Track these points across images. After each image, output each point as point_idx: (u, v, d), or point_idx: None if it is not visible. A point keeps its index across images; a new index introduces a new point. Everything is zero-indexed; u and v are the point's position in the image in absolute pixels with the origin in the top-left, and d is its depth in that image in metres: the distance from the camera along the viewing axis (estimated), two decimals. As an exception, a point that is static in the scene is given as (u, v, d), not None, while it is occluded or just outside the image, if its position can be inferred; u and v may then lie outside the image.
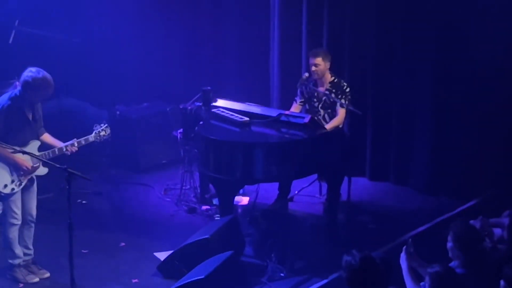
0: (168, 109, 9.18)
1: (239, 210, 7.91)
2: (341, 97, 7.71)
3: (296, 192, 8.29)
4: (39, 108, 6.48)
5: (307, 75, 7.87)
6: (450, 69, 8.13)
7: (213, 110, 7.68)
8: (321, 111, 7.85)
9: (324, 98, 7.82)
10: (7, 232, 6.47)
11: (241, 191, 8.00)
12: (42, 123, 6.54)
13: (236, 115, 7.41)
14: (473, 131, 8.13)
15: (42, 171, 6.47)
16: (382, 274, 4.60)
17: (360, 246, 4.86)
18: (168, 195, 8.47)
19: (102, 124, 6.67)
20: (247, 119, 7.33)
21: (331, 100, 7.75)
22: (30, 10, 8.82)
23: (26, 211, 6.53)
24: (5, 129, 6.24)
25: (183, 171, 8.28)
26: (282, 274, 6.65)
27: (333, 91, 7.76)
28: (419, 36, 8.23)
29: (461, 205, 7.85)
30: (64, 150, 6.44)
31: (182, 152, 8.24)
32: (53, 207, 7.49)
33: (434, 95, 8.29)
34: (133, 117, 9.26)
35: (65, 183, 5.63)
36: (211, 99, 7.82)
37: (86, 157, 8.29)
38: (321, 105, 7.86)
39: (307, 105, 7.99)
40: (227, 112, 7.51)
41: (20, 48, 8.62)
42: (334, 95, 7.73)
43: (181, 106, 8.09)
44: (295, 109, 7.97)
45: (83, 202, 8.20)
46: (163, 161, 9.27)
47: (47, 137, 6.56)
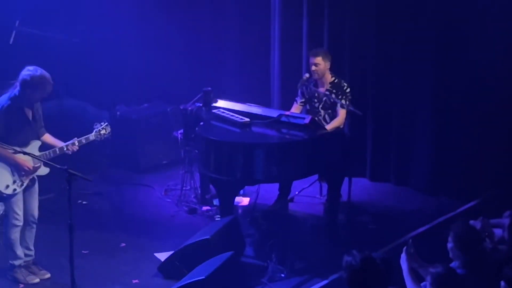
0: (168, 109, 9.18)
1: (239, 211, 7.91)
2: (341, 97, 7.72)
3: (297, 193, 8.29)
4: (38, 107, 6.47)
5: (307, 75, 7.87)
6: (450, 69, 8.13)
7: (213, 110, 7.67)
8: (321, 111, 7.85)
9: (324, 98, 7.82)
10: (9, 233, 6.46)
11: (242, 191, 8.01)
12: (42, 123, 6.53)
13: (237, 115, 7.41)
14: (473, 131, 8.13)
15: (44, 171, 6.45)
16: (382, 275, 4.60)
17: (361, 246, 4.85)
18: (169, 195, 8.47)
19: (103, 123, 6.66)
20: (247, 119, 7.33)
21: (331, 100, 7.75)
22: (31, 10, 8.80)
23: (28, 212, 6.52)
24: (5, 129, 6.23)
25: (183, 171, 8.28)
26: (282, 275, 6.64)
27: (334, 91, 7.76)
28: (419, 36, 8.24)
29: (462, 205, 7.85)
30: (65, 149, 6.42)
31: (182, 153, 8.24)
32: (54, 207, 7.49)
33: (434, 95, 8.29)
34: (133, 117, 9.26)
35: (65, 184, 5.63)
36: (211, 99, 7.82)
37: (87, 157, 8.29)
38: (321, 106, 7.86)
39: (307, 105, 7.99)
40: (228, 112, 7.51)
41: (21, 49, 8.61)
42: (334, 95, 7.73)
43: (181, 107, 8.09)
44: (295, 109, 7.97)
45: (84, 202, 8.20)
46: (164, 162, 9.27)
47: (48, 138, 6.55)
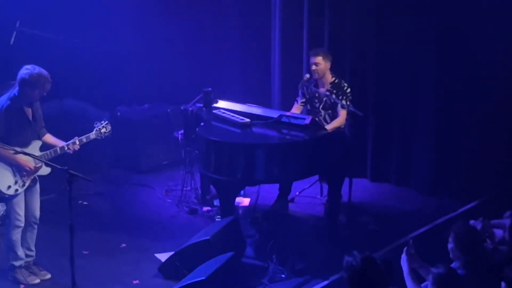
0: (169, 110, 9.18)
1: (240, 211, 7.91)
2: (341, 97, 7.72)
3: (297, 193, 8.29)
4: (38, 107, 6.46)
5: (308, 76, 7.87)
6: (451, 69, 8.13)
7: (214, 111, 7.68)
8: (322, 111, 7.85)
9: (325, 99, 7.82)
10: (10, 234, 6.45)
11: (242, 192, 8.02)
12: (43, 123, 6.52)
13: (237, 116, 7.41)
14: (474, 132, 8.13)
15: (45, 170, 6.43)
16: (383, 275, 4.60)
17: (361, 247, 4.85)
18: (169, 196, 8.47)
19: (103, 121, 6.65)
20: (248, 120, 7.33)
21: (331, 101, 7.75)
22: (32, 11, 8.81)
23: (29, 213, 6.52)
24: (5, 130, 6.22)
25: (184, 172, 8.28)
26: (283, 275, 6.63)
27: (334, 91, 7.76)
28: (420, 36, 8.24)
29: (462, 206, 7.85)
30: (65, 149, 6.41)
31: (183, 153, 8.24)
32: (54, 208, 7.48)
33: (434, 95, 8.29)
34: (134, 118, 9.27)
35: (66, 184, 5.62)
36: (212, 100, 7.82)
37: (87, 158, 8.30)
38: (322, 106, 7.86)
39: (308, 105, 8.00)
40: (228, 113, 7.51)
41: (22, 49, 8.61)
42: (334, 95, 7.73)
43: (182, 107, 8.10)
44: (296, 109, 7.98)
45: (84, 203, 8.20)
46: (164, 162, 9.28)
47: (49, 138, 6.53)
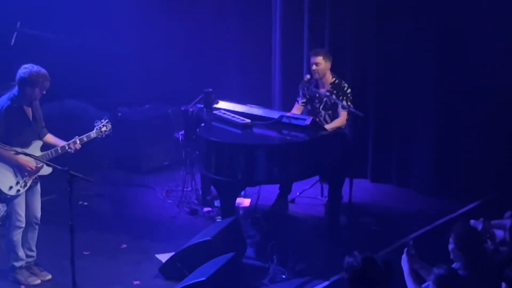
0: (169, 111, 9.18)
1: (240, 212, 7.91)
2: (342, 98, 7.71)
3: (298, 194, 8.29)
4: (38, 106, 6.45)
5: (308, 77, 7.87)
6: (452, 70, 8.14)
7: (214, 112, 7.68)
8: (322, 112, 7.85)
9: (325, 99, 7.82)
10: (11, 234, 6.45)
11: (243, 193, 8.01)
12: (43, 123, 6.52)
13: (238, 117, 7.41)
14: (475, 132, 8.14)
15: (46, 170, 6.41)
16: (383, 276, 4.60)
17: (362, 247, 4.84)
18: (170, 197, 8.47)
19: (103, 120, 6.64)
20: (248, 121, 7.32)
21: (332, 101, 7.75)
22: (32, 12, 8.82)
23: (30, 213, 6.51)
24: (6, 130, 6.22)
25: (184, 173, 8.28)
26: (283, 276, 6.63)
27: (334, 92, 7.76)
28: (420, 37, 8.24)
29: (463, 206, 7.86)
30: (66, 148, 6.41)
31: (183, 154, 8.24)
32: (55, 208, 7.47)
33: (435, 96, 8.29)
34: (135, 119, 9.27)
35: (66, 185, 5.62)
36: (212, 101, 7.82)
37: (88, 158, 8.30)
38: (322, 106, 7.86)
39: (308, 105, 7.99)
40: (229, 114, 7.51)
41: (22, 50, 8.61)
42: (335, 96, 7.73)
43: (182, 108, 8.09)
44: (297, 110, 7.98)
45: (85, 203, 8.20)
46: (165, 163, 9.28)
47: (50, 138, 6.53)
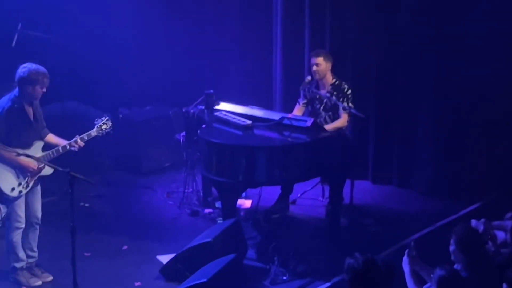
0: (170, 112, 9.18)
1: (241, 213, 7.91)
2: (342, 99, 7.70)
3: (299, 195, 8.29)
4: (38, 106, 6.45)
5: (309, 78, 7.86)
6: (453, 71, 8.13)
7: (215, 113, 7.68)
8: (322, 113, 7.85)
9: (325, 100, 7.81)
10: (11, 235, 6.46)
11: (244, 194, 8.01)
12: (44, 123, 6.51)
13: (239, 118, 7.41)
14: (475, 133, 8.14)
15: (48, 171, 6.40)
16: (384, 277, 4.60)
17: (363, 249, 4.84)
18: (171, 198, 8.47)
19: (103, 118, 6.62)
20: (249, 122, 7.32)
21: (332, 102, 7.75)
22: (33, 13, 8.82)
23: (31, 213, 6.52)
24: (7, 131, 6.22)
25: (185, 174, 8.28)
26: (284, 277, 6.64)
27: (334, 93, 7.75)
28: (421, 38, 8.23)
29: (464, 208, 7.85)
30: (67, 148, 6.40)
31: (184, 155, 8.24)
32: (56, 210, 7.48)
33: (436, 97, 8.29)
34: (136, 120, 9.28)
35: (68, 186, 5.62)
36: (213, 102, 7.82)
37: (89, 160, 8.31)
38: (322, 107, 7.86)
39: (309, 106, 7.99)
40: (230, 115, 7.51)
41: (23, 51, 8.61)
42: (335, 97, 7.72)
43: (183, 109, 8.09)
44: (298, 110, 7.97)
45: (86, 205, 8.20)
46: (166, 164, 9.28)
47: (52, 138, 6.52)
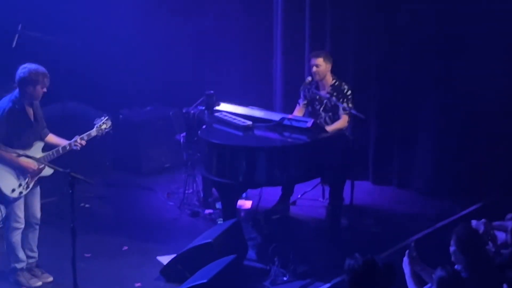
0: (171, 113, 9.17)
1: (242, 214, 7.91)
2: (342, 100, 7.69)
3: (299, 196, 8.29)
4: (38, 106, 6.44)
5: (310, 79, 7.86)
6: (453, 72, 8.14)
7: (216, 114, 7.68)
8: (322, 113, 7.85)
9: (325, 101, 7.81)
10: (10, 236, 6.45)
11: (244, 195, 8.01)
12: (44, 123, 6.50)
13: (239, 119, 7.41)
14: (476, 134, 8.14)
15: (48, 171, 6.39)
16: (384, 278, 4.59)
17: (363, 250, 4.84)
18: (171, 199, 8.47)
19: (103, 117, 6.59)
20: (250, 123, 7.32)
21: (332, 103, 7.75)
22: (33, 14, 8.82)
23: (30, 214, 6.51)
24: (8, 132, 6.21)
25: (186, 175, 8.28)
26: (285, 278, 6.64)
27: (334, 94, 7.75)
28: (422, 38, 8.24)
29: (465, 208, 7.86)
30: (67, 148, 6.39)
31: (185, 156, 8.25)
32: (56, 210, 7.48)
33: (437, 98, 8.30)
34: (136, 121, 9.28)
35: (68, 187, 5.62)
36: (214, 103, 7.82)
37: (89, 160, 8.30)
38: (322, 108, 7.86)
39: (309, 107, 7.99)
40: (230, 116, 7.51)
41: (23, 52, 8.61)
42: (335, 98, 7.72)
43: (184, 110, 8.10)
44: (298, 111, 7.97)
45: (86, 205, 8.21)
46: (166, 165, 9.28)
47: (52, 138, 6.52)
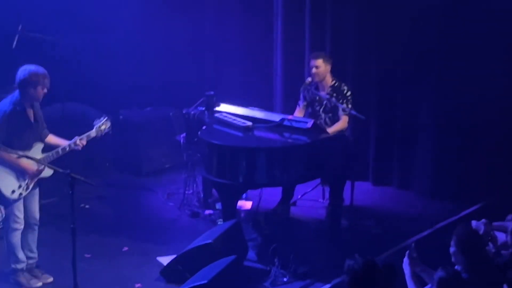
0: (171, 113, 9.17)
1: (242, 215, 7.90)
2: (342, 101, 7.68)
3: (299, 197, 8.29)
4: (38, 107, 6.45)
5: (310, 79, 7.86)
6: (453, 73, 8.13)
7: (216, 114, 7.68)
8: (322, 114, 7.84)
9: (325, 102, 7.81)
10: (9, 237, 6.45)
11: (244, 195, 8.01)
12: (44, 124, 6.51)
13: (239, 119, 7.41)
14: (476, 134, 8.13)
15: (47, 173, 6.40)
16: (384, 279, 4.59)
17: (363, 250, 4.85)
18: (171, 199, 8.47)
19: (102, 118, 6.59)
20: (250, 123, 7.33)
21: (332, 104, 7.75)
22: (34, 15, 8.82)
23: (29, 214, 6.51)
24: (8, 134, 6.21)
25: (186, 175, 8.28)
26: (285, 279, 6.64)
27: (334, 95, 7.74)
28: (422, 39, 8.23)
29: (465, 209, 7.85)
30: (67, 149, 6.40)
31: (185, 157, 8.24)
32: (56, 211, 7.49)
33: (437, 98, 8.29)
34: (136, 121, 9.28)
35: (68, 188, 5.62)
36: (214, 103, 7.82)
37: (89, 161, 8.31)
38: (322, 109, 7.85)
39: (309, 108, 7.99)
40: (230, 116, 7.52)
41: (24, 53, 8.61)
42: (335, 99, 7.72)
43: (184, 111, 8.09)
44: (299, 113, 7.96)
45: (86, 206, 8.20)
46: (166, 166, 9.28)
47: (52, 138, 6.51)
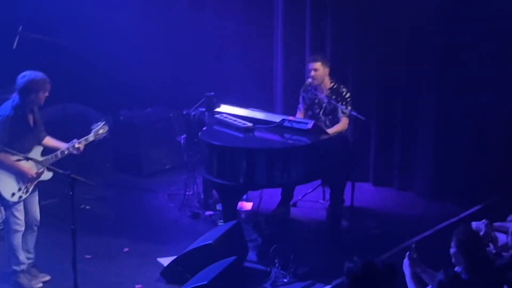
0: (171, 114, 9.19)
1: (242, 216, 7.90)
2: (341, 103, 7.68)
3: (300, 198, 8.29)
4: (37, 110, 6.45)
5: (310, 80, 7.85)
6: (454, 74, 8.13)
7: (216, 115, 7.68)
8: (322, 117, 7.84)
9: (324, 104, 7.81)
10: (10, 238, 6.45)
11: (245, 196, 8.01)
12: (42, 126, 6.52)
13: (240, 120, 7.42)
14: (477, 135, 8.14)
15: (47, 176, 6.43)
16: (384, 280, 4.59)
17: (364, 251, 4.85)
18: (172, 200, 8.47)
19: (100, 122, 6.59)
20: (250, 124, 7.33)
21: (332, 106, 7.74)
22: (34, 15, 8.82)
23: (30, 216, 6.51)
24: (8, 138, 6.20)
25: (186, 176, 8.28)
26: (285, 280, 6.64)
27: (333, 97, 7.74)
28: (422, 40, 8.24)
29: (465, 210, 7.85)
30: (66, 152, 6.41)
31: (185, 158, 8.25)
32: (57, 212, 7.49)
33: (437, 99, 8.29)
34: (136, 122, 9.28)
35: (68, 189, 5.62)
36: (214, 104, 7.83)
37: (89, 162, 8.31)
38: (322, 112, 7.85)
39: (309, 111, 7.98)
40: (231, 117, 7.52)
41: (24, 54, 8.61)
42: (334, 100, 7.71)
43: (184, 112, 8.10)
44: (299, 115, 7.95)
45: (87, 207, 8.20)
46: (167, 167, 9.29)
47: (49, 140, 6.53)
